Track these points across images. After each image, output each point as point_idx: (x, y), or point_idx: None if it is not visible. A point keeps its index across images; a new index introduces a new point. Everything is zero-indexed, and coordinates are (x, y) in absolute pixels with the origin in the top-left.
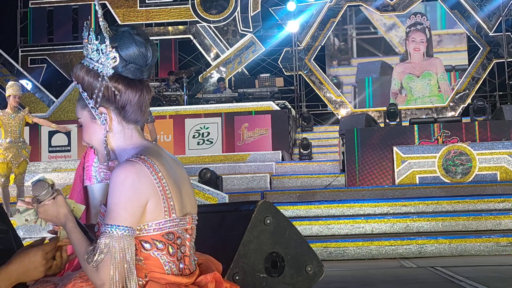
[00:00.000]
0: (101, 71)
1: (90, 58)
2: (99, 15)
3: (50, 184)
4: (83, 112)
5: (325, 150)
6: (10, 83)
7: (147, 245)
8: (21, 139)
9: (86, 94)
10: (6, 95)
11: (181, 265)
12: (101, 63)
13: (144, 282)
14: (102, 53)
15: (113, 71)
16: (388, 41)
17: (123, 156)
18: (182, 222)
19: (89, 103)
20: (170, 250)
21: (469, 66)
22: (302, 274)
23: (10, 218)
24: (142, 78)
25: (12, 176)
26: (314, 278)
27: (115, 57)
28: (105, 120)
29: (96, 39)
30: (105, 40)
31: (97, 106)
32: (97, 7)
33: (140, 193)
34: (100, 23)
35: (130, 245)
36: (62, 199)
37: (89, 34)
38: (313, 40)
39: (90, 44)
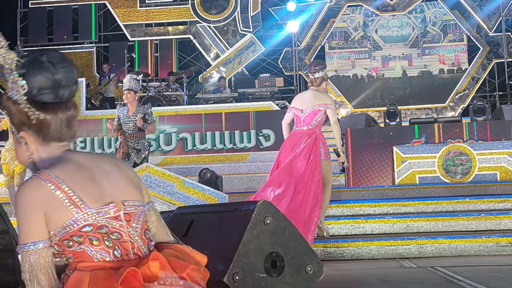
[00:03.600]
0: (15, 99)
1: (8, 87)
2: (1, 45)
3: None
4: (13, 136)
5: None
6: None
7: (69, 243)
8: None
9: (10, 120)
10: None
11: (117, 253)
12: (15, 91)
13: (70, 274)
14: (13, 82)
15: (25, 97)
16: None
17: None
18: (101, 212)
19: (12, 128)
20: (94, 241)
21: (469, 66)
22: (301, 274)
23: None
24: (59, 99)
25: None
26: (313, 278)
27: (23, 85)
28: (26, 143)
29: (7, 69)
30: (12, 70)
31: (18, 130)
32: (2, 42)
33: (34, 207)
34: (2, 56)
35: (45, 256)
36: None
37: (2, 66)
38: (313, 40)
39: (6, 74)
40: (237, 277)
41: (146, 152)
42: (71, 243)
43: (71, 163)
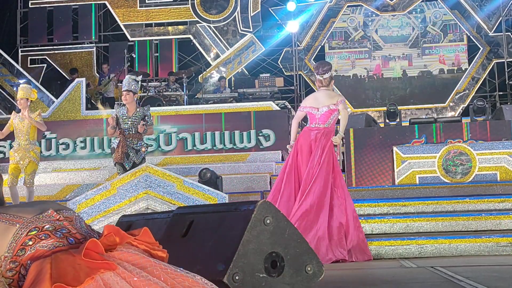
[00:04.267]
0: None
1: None
2: None
3: None
4: None
5: None
6: (19, 86)
7: (22, 251)
8: (30, 141)
9: None
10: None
11: (70, 240)
12: None
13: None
14: None
15: None
16: None
17: None
18: (41, 217)
19: None
20: (43, 237)
21: (469, 66)
22: (301, 274)
23: None
24: None
25: (21, 175)
26: (313, 278)
27: None
28: None
29: None
30: None
31: None
32: None
33: None
34: None
35: None
36: None
37: None
38: (313, 40)
39: None
40: (237, 277)
41: (145, 153)
42: (23, 251)
43: (3, 206)
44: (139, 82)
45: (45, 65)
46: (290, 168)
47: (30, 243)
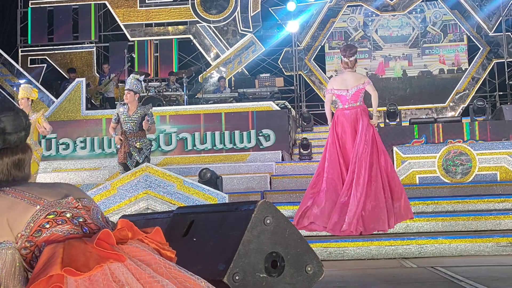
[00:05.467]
0: None
1: None
2: None
3: None
4: None
5: None
6: (20, 86)
7: (39, 233)
8: (33, 141)
9: None
10: None
11: (84, 229)
12: None
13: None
14: None
15: None
16: None
17: None
18: (61, 202)
19: None
20: (60, 222)
21: (469, 66)
22: (302, 274)
23: None
24: (6, 145)
25: None
26: (314, 278)
27: None
28: None
29: None
30: None
31: None
32: None
33: None
34: None
35: (11, 254)
36: None
37: None
38: (313, 40)
39: None
40: (237, 277)
41: (148, 152)
42: (40, 232)
43: (27, 184)
44: (142, 82)
45: (45, 65)
46: (331, 151)
47: (47, 226)
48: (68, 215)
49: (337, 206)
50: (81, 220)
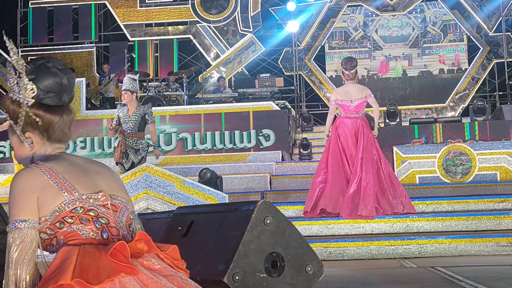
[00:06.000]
0: (22, 101)
1: (13, 90)
2: (12, 54)
3: None
4: (13, 137)
5: None
6: None
7: (61, 225)
8: None
9: (12, 121)
10: None
11: (104, 235)
12: (22, 94)
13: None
14: (21, 86)
15: (33, 100)
16: None
17: None
18: (91, 198)
19: (16, 129)
20: (84, 221)
21: (469, 66)
22: (302, 274)
23: None
24: (62, 103)
25: None
26: (314, 278)
27: (33, 88)
28: (31, 143)
29: (15, 74)
30: (22, 75)
31: (23, 131)
32: (9, 47)
33: (28, 190)
34: (14, 61)
35: (32, 235)
36: None
37: (9, 69)
38: (313, 40)
39: (11, 77)
40: (237, 277)
41: (145, 153)
42: (62, 225)
43: (66, 160)
44: (137, 81)
45: None
46: (333, 149)
47: (70, 221)
48: (92, 214)
49: (348, 196)
50: (103, 221)
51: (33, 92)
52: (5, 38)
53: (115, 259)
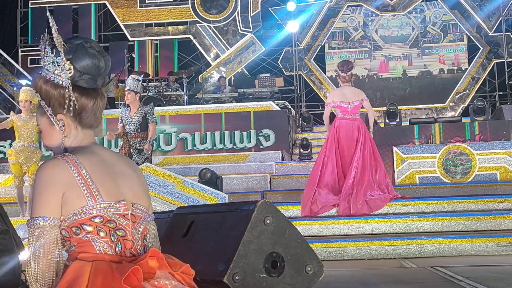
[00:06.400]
0: (57, 81)
1: (47, 69)
2: (53, 31)
3: None
4: (42, 119)
5: None
6: (22, 88)
7: (78, 231)
8: (33, 144)
9: (44, 102)
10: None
11: (118, 248)
12: (57, 74)
13: (70, 264)
14: (58, 65)
15: (68, 81)
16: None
17: None
18: (113, 207)
19: (47, 110)
20: (101, 233)
21: (469, 66)
22: (302, 274)
23: None
24: (96, 86)
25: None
26: (314, 278)
27: (70, 68)
28: (63, 126)
29: (52, 52)
30: (60, 53)
31: (55, 113)
32: (51, 23)
33: (57, 185)
34: (55, 38)
35: (53, 233)
36: None
37: (45, 47)
38: (313, 40)
39: (46, 56)
40: (237, 277)
41: (149, 153)
42: (79, 231)
43: (95, 155)
44: (141, 81)
45: None
46: (330, 148)
47: (88, 229)
48: (111, 226)
49: (343, 194)
50: (120, 234)
51: (70, 73)
52: (48, 14)
53: (129, 285)
